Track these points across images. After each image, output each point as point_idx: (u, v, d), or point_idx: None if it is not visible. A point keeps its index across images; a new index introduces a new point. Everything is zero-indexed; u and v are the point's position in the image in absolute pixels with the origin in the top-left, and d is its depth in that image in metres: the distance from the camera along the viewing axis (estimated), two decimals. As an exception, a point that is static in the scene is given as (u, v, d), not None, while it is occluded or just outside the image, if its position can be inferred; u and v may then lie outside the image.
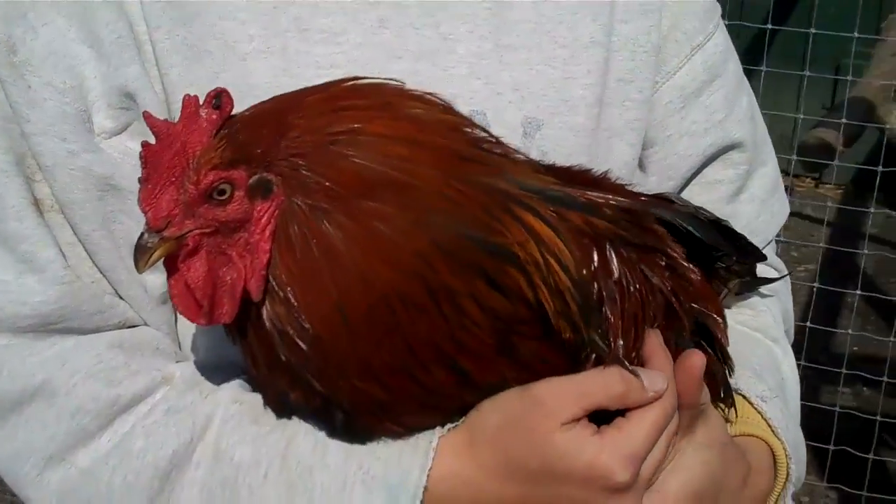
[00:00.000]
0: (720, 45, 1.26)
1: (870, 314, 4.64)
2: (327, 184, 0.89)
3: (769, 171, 1.33)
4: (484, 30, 1.13)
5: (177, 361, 1.11)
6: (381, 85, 0.94)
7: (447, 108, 0.95)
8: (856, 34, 3.33)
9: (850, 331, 3.72)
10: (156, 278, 1.09)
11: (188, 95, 0.90)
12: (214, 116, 0.89)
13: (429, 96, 0.94)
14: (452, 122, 0.95)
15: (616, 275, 0.97)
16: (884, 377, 3.58)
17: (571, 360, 0.95)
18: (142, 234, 0.90)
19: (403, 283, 0.88)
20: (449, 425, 0.97)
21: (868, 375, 3.55)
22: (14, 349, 1.05)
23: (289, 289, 0.90)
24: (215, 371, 1.08)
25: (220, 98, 0.90)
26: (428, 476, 0.95)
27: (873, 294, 4.17)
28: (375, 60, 1.09)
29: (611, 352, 0.96)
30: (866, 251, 3.76)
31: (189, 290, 0.93)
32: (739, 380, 1.15)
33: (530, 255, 0.91)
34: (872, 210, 3.83)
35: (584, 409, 0.94)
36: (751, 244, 1.17)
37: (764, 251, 1.26)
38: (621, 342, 0.96)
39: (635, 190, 1.11)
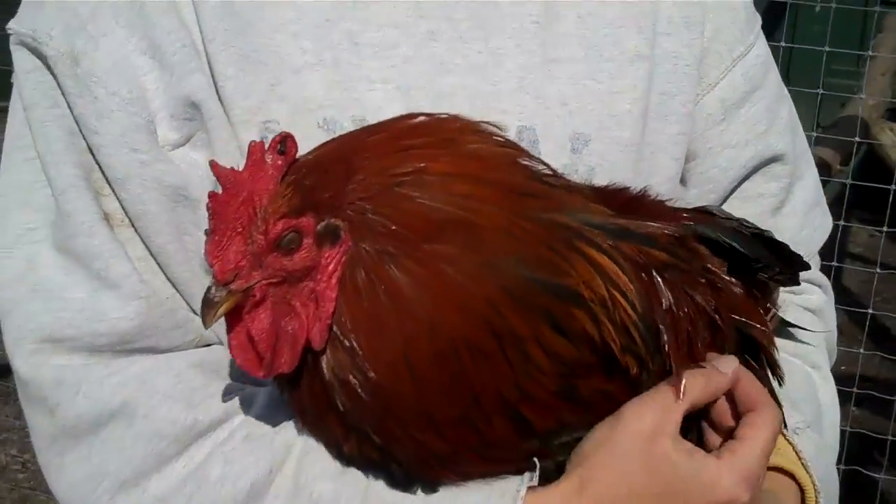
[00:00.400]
0: (761, 56, 1.25)
1: (856, 333, 4.67)
2: (394, 227, 0.87)
3: (809, 184, 1.32)
4: (532, 44, 1.12)
5: None
6: (442, 121, 0.93)
7: (505, 142, 0.95)
8: (827, 48, 3.34)
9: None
10: None
11: (254, 142, 0.88)
12: (280, 162, 0.88)
13: (485, 127, 0.93)
14: (511, 155, 0.95)
15: (667, 301, 0.97)
16: (873, 395, 3.59)
17: (633, 392, 0.95)
18: (209, 289, 0.88)
19: (471, 329, 0.87)
20: (527, 474, 0.95)
21: (857, 391, 3.57)
22: (92, 369, 1.02)
23: (353, 336, 0.88)
24: None
25: (285, 143, 0.88)
26: None
27: (857, 310, 4.21)
28: (426, 74, 1.08)
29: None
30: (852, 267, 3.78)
31: (250, 342, 0.91)
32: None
33: (596, 292, 0.90)
34: (853, 225, 3.85)
35: (684, 412, 0.95)
36: (794, 253, 1.14)
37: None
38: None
39: (676, 205, 1.10)
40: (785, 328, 1.25)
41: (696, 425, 1.01)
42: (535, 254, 0.88)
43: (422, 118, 0.93)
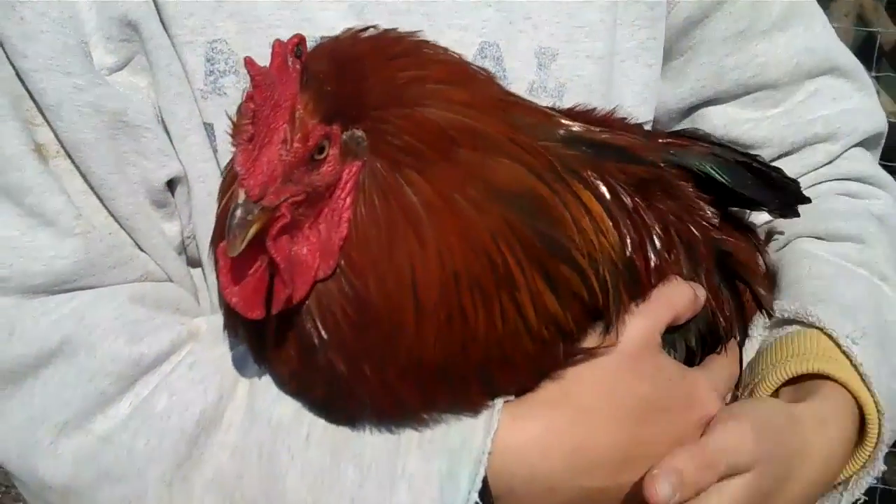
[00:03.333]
0: None
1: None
2: (409, 140, 0.83)
3: (844, 77, 1.26)
4: None
5: None
6: (396, 34, 0.89)
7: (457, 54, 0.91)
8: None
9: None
10: (172, 226, 1.04)
11: (278, 41, 0.80)
12: (298, 66, 0.80)
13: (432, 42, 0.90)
14: (467, 63, 0.92)
15: (647, 234, 0.96)
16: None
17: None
18: (236, 207, 0.79)
19: (475, 263, 0.84)
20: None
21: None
22: (25, 308, 0.95)
23: (358, 260, 0.83)
24: None
25: (300, 46, 0.81)
26: (493, 441, 0.89)
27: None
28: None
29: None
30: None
31: (249, 275, 0.83)
32: (823, 316, 1.04)
33: (585, 244, 0.88)
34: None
35: (668, 323, 0.96)
36: (788, 182, 1.10)
37: (860, 162, 1.24)
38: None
39: (648, 129, 1.09)
40: (848, 234, 1.17)
41: None
42: (534, 190, 0.86)
43: (372, 30, 0.88)
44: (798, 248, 1.16)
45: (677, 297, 0.96)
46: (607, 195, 0.92)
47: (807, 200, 1.12)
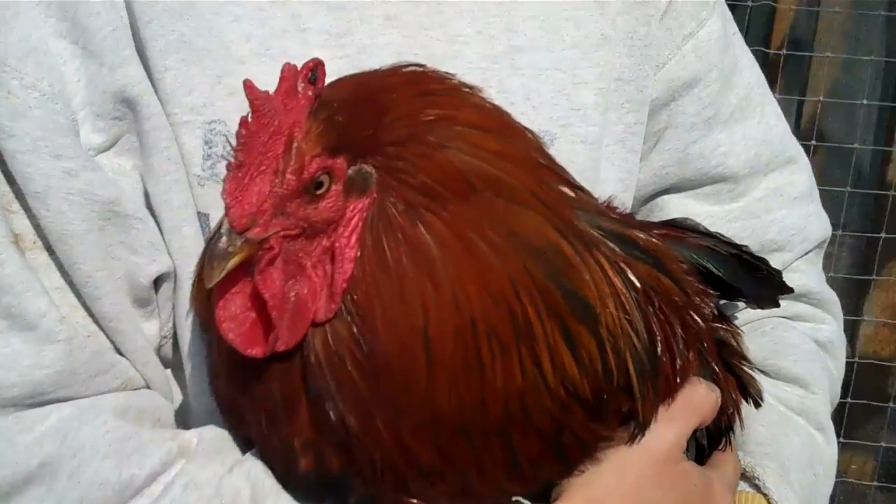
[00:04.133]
0: (716, 32, 1.14)
1: None
2: (425, 180, 0.78)
3: (799, 171, 1.21)
4: (493, 29, 1.02)
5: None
6: (438, 73, 0.85)
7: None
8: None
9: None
10: (151, 326, 0.95)
11: (288, 65, 0.76)
12: (310, 93, 0.76)
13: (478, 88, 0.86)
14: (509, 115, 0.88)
15: (666, 334, 0.91)
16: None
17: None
18: (218, 236, 0.75)
19: (493, 311, 0.78)
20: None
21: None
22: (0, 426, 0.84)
23: (366, 303, 0.77)
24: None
25: (316, 71, 0.77)
26: None
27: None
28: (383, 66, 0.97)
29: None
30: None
31: (250, 309, 0.78)
32: (772, 486, 1.05)
33: (609, 315, 0.83)
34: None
35: (692, 429, 0.93)
36: (773, 273, 1.08)
37: (809, 277, 1.20)
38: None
39: (645, 220, 1.06)
40: (795, 376, 1.16)
41: None
42: (558, 246, 0.81)
43: (415, 67, 0.84)
44: None
45: (703, 403, 0.94)
46: (636, 282, 0.87)
47: (790, 290, 1.11)
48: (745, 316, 1.16)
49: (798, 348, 1.15)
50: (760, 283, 1.06)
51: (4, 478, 0.84)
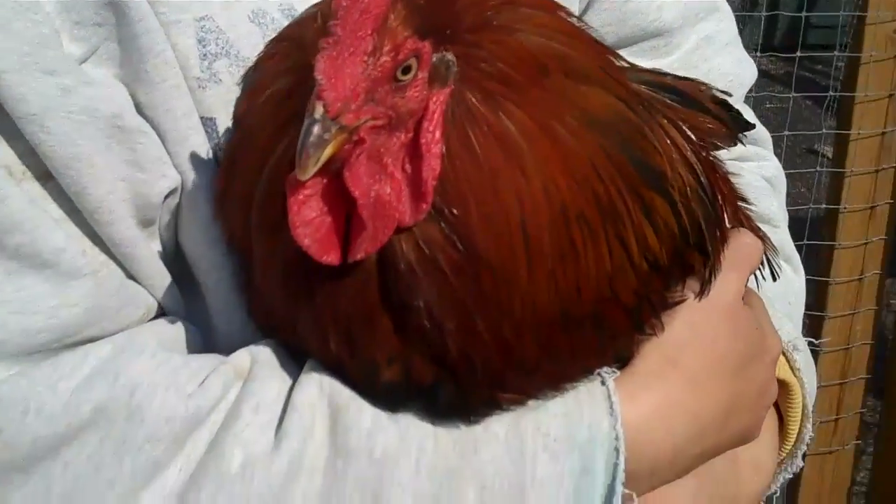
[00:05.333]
0: None
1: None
2: (501, 66, 0.75)
3: (720, 22, 1.23)
4: None
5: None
6: None
7: None
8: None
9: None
10: (155, 246, 0.88)
11: None
12: None
13: None
14: None
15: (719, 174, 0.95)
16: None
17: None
18: (311, 122, 0.68)
19: (580, 197, 0.77)
20: (606, 369, 0.86)
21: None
22: (37, 377, 0.77)
23: (459, 201, 0.74)
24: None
25: None
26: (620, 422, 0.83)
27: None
28: None
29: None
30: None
31: (324, 213, 0.73)
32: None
33: (676, 177, 0.84)
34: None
35: (747, 278, 0.96)
36: (734, 109, 1.07)
37: (750, 113, 1.20)
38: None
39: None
40: (760, 216, 1.17)
41: None
42: (624, 116, 0.81)
43: None
44: None
45: (753, 251, 0.97)
46: (690, 134, 0.90)
47: (752, 127, 1.13)
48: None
49: (753, 187, 1.17)
50: (732, 121, 1.07)
51: (55, 431, 0.76)
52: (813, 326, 2.82)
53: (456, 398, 0.79)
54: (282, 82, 0.80)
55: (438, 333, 0.76)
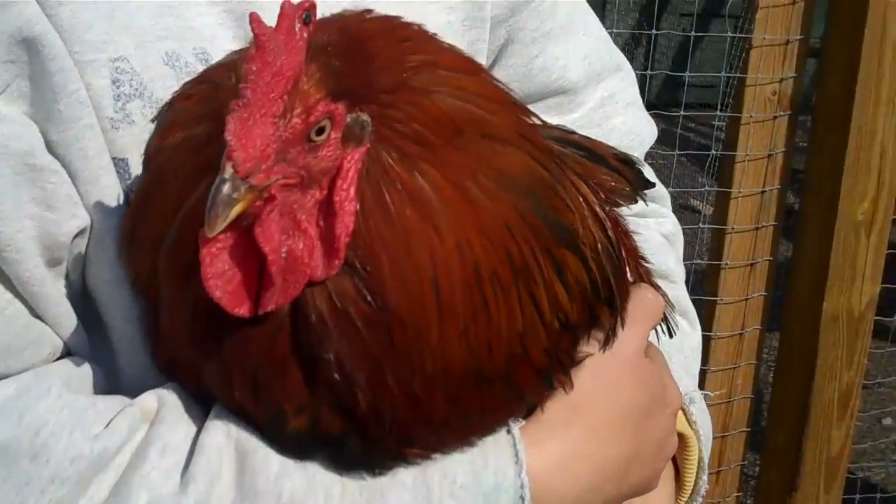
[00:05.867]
0: None
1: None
2: (416, 126, 0.77)
3: (622, 81, 1.25)
4: None
5: None
6: (403, 20, 0.84)
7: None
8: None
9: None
10: (62, 286, 0.87)
11: (288, 2, 0.71)
12: (305, 34, 0.72)
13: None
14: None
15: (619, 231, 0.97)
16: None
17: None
18: (221, 181, 0.69)
19: (494, 256, 0.79)
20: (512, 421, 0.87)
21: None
22: None
23: (371, 257, 0.75)
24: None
25: (310, 14, 0.72)
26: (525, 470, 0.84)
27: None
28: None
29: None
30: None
31: (234, 266, 0.74)
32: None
33: (586, 232, 0.86)
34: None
35: (650, 331, 0.98)
36: (636, 168, 1.11)
37: (649, 171, 1.22)
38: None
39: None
40: (658, 271, 1.19)
41: None
42: (538, 176, 0.83)
43: (379, 13, 0.82)
44: None
45: (656, 306, 1.00)
46: (597, 189, 0.92)
47: (652, 185, 1.17)
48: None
49: (652, 243, 1.19)
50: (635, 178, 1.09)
51: None
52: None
53: (362, 451, 0.80)
54: (199, 128, 0.81)
55: (348, 386, 0.76)
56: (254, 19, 0.69)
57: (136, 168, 0.88)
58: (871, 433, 4.06)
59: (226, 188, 0.69)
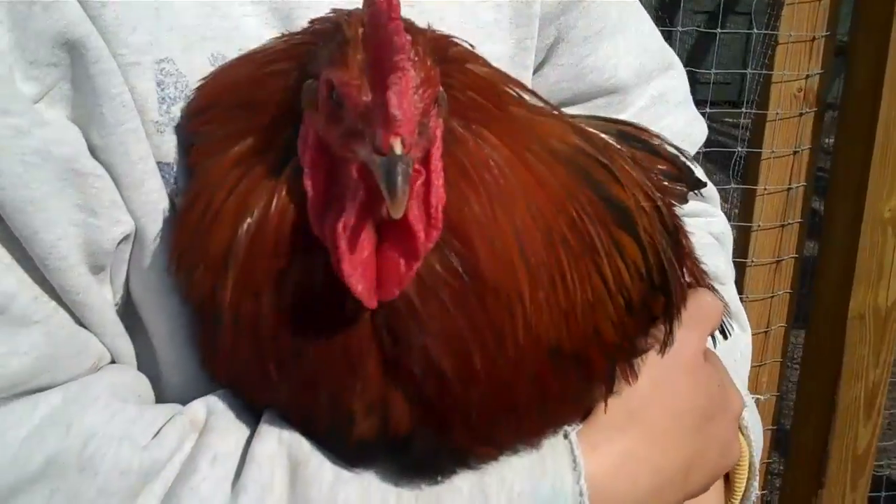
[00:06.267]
0: None
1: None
2: (471, 94, 0.77)
3: (675, 79, 1.25)
4: None
5: None
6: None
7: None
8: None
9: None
10: (107, 293, 0.85)
11: None
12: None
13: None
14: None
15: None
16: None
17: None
18: (396, 159, 0.67)
19: (560, 220, 0.79)
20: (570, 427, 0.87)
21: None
22: None
23: (461, 231, 0.74)
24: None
25: None
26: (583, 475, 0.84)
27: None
28: None
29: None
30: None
31: (368, 259, 0.72)
32: None
33: (643, 216, 0.86)
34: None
35: (709, 335, 0.99)
36: (687, 165, 1.10)
37: (699, 171, 1.21)
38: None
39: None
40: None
41: None
42: (579, 148, 0.83)
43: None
44: None
45: (714, 310, 1.00)
46: (651, 174, 0.93)
47: (704, 185, 1.17)
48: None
49: (702, 245, 1.18)
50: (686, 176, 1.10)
51: (3, 483, 0.75)
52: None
53: (429, 452, 0.79)
54: (244, 143, 0.79)
55: (433, 373, 0.75)
56: None
57: (182, 174, 0.87)
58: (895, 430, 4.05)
59: (401, 165, 0.67)
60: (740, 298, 2.80)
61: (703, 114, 2.92)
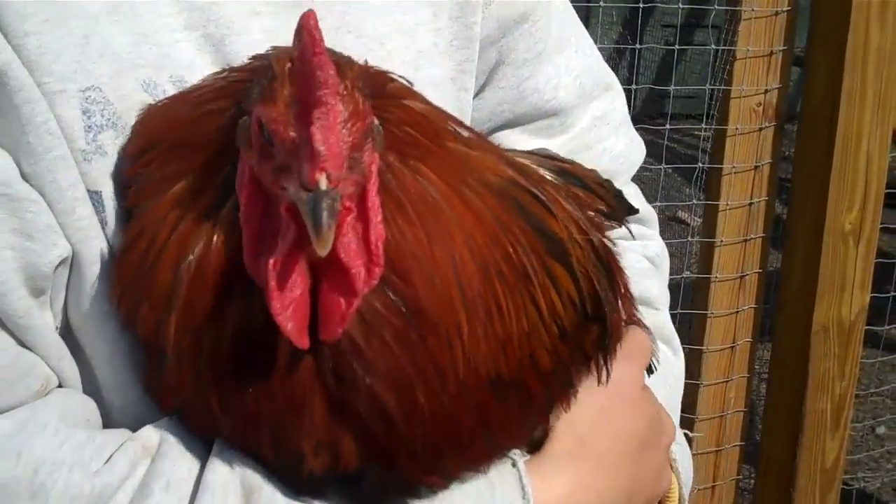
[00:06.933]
0: None
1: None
2: (408, 129, 0.78)
3: (617, 97, 1.26)
4: None
5: None
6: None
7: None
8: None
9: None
10: (48, 316, 0.86)
11: (310, 12, 0.69)
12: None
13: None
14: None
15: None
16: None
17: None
18: (321, 195, 0.67)
19: (496, 253, 0.80)
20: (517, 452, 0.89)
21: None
22: None
23: (402, 267, 0.75)
24: None
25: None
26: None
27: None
28: (235, 17, 0.93)
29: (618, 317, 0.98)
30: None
31: (298, 296, 0.72)
32: None
33: (577, 247, 0.88)
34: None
35: (645, 367, 1.02)
36: (619, 192, 1.13)
37: (635, 198, 1.23)
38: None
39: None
40: (640, 298, 1.17)
41: None
42: (517, 183, 0.85)
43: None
44: None
45: (647, 346, 1.03)
46: (581, 207, 0.95)
47: (636, 211, 1.19)
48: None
49: (635, 269, 1.18)
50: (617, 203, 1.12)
51: None
52: (688, 394, 2.86)
53: (379, 485, 0.80)
54: (183, 182, 0.79)
55: (377, 411, 0.76)
56: (306, 15, 0.68)
57: (110, 200, 0.87)
58: (865, 443, 4.08)
59: (328, 198, 0.67)
60: (705, 315, 2.84)
61: (666, 129, 2.96)
